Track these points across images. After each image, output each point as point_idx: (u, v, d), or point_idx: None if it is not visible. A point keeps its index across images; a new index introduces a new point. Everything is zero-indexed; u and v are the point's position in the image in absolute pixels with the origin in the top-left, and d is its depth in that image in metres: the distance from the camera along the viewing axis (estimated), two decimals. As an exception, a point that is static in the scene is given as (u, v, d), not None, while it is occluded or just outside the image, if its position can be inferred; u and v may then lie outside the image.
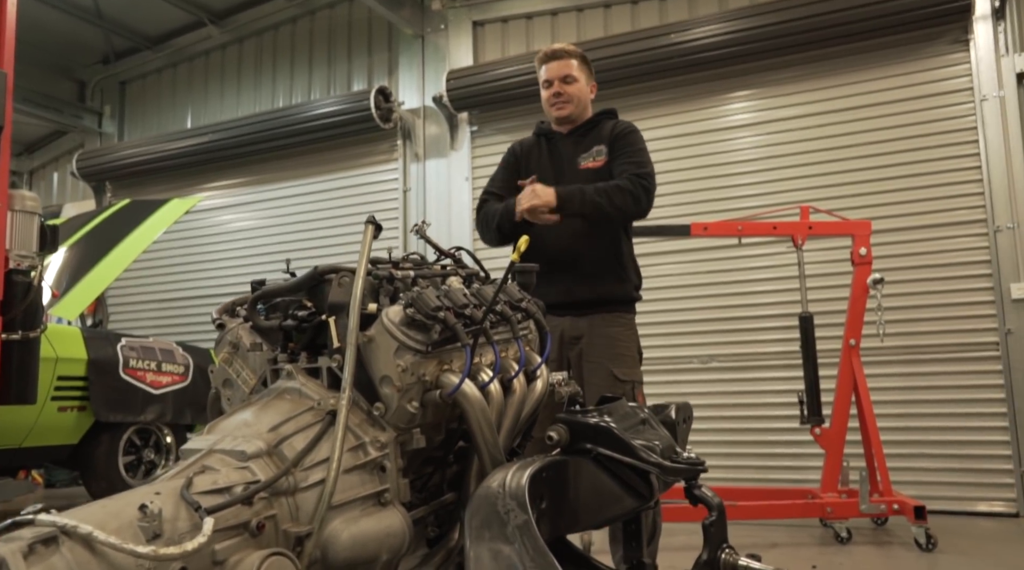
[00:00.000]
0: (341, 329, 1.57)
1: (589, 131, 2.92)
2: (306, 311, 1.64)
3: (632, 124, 2.92)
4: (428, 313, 1.53)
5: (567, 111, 2.89)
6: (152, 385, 5.00)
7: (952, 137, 5.10)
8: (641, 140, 2.86)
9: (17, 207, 3.63)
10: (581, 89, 2.90)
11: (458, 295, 1.66)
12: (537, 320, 1.89)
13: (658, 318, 5.59)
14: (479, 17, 6.70)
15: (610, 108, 3.02)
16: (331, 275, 1.63)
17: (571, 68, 2.88)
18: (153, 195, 7.94)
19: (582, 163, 2.84)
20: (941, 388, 4.96)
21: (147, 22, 7.94)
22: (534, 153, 2.95)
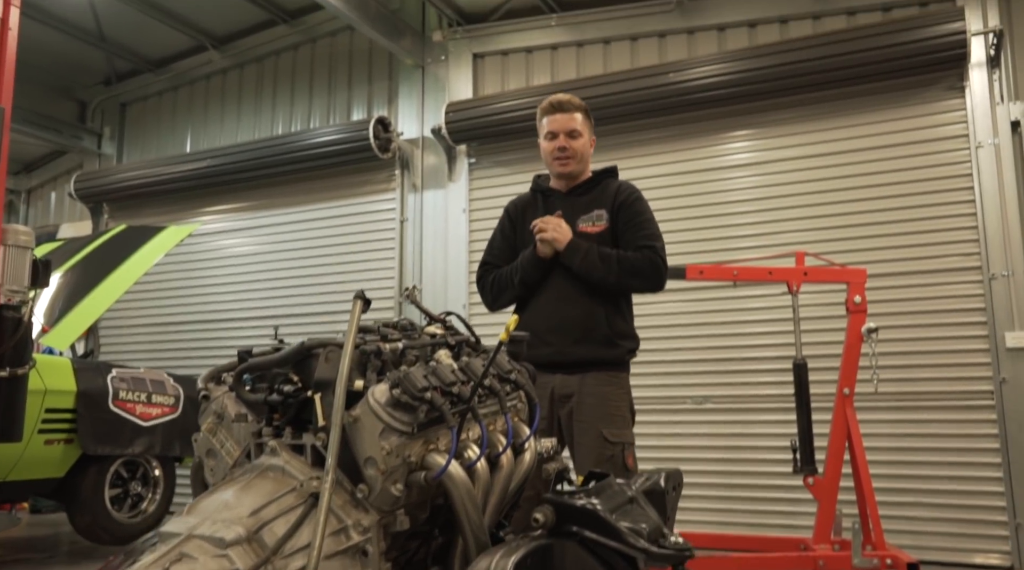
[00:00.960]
0: (326, 406, 1.55)
1: (589, 191, 2.87)
2: (292, 386, 1.62)
3: (636, 189, 2.87)
4: (414, 394, 1.51)
5: (570, 167, 2.85)
6: (141, 417, 4.96)
7: (947, 183, 5.11)
8: (648, 207, 2.82)
9: (11, 242, 3.62)
10: (584, 145, 2.86)
11: (446, 372, 1.64)
12: (526, 391, 1.87)
13: (653, 357, 5.56)
14: (479, 49, 6.74)
15: (611, 166, 2.98)
16: (318, 349, 1.62)
17: (576, 122, 2.83)
18: (151, 218, 7.94)
19: (581, 226, 2.78)
20: (935, 436, 4.93)
21: (149, 45, 7.97)
22: (530, 212, 2.90)
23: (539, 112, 2.91)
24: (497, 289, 2.84)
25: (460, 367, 1.73)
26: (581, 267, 2.63)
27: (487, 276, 2.87)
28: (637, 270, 2.65)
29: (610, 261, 2.63)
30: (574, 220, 2.79)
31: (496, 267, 2.87)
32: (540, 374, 2.65)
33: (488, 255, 2.94)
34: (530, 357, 2.67)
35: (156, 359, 7.53)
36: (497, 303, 2.87)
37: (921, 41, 4.99)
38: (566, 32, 6.41)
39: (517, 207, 2.96)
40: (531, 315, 2.73)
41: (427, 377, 1.57)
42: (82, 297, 5.19)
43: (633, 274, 2.66)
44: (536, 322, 2.69)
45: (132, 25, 7.43)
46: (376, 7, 6.38)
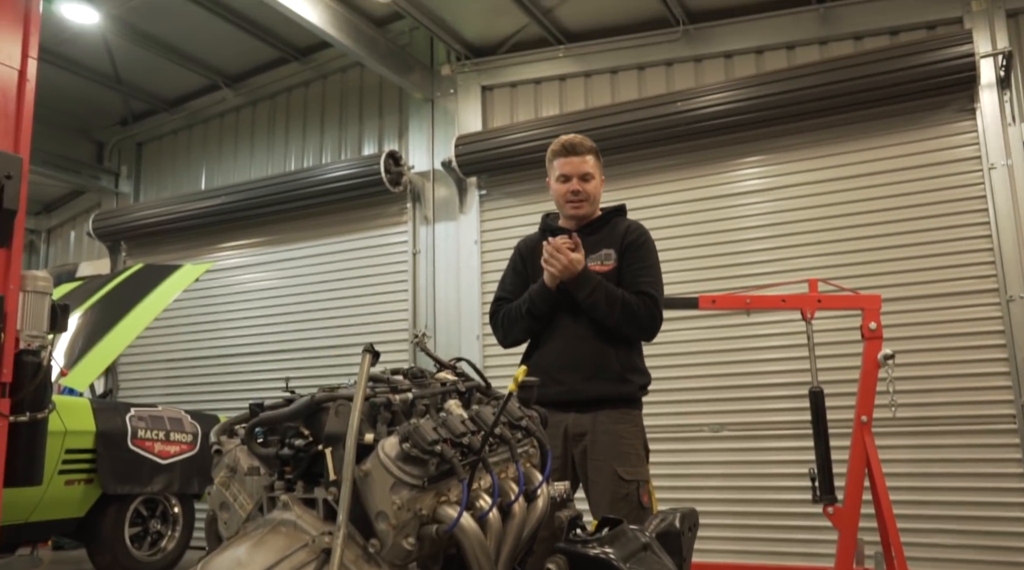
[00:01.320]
0: (337, 461, 1.56)
1: (599, 230, 2.88)
2: (303, 439, 1.63)
3: (644, 230, 2.88)
4: (424, 447, 1.52)
5: (584, 210, 2.87)
6: (160, 455, 4.99)
7: (961, 205, 5.09)
8: (654, 250, 2.84)
9: (29, 288, 3.67)
10: (597, 187, 2.89)
11: (456, 423, 1.65)
12: (538, 438, 1.88)
13: (669, 385, 5.56)
14: (488, 82, 6.80)
15: (620, 205, 2.99)
16: (328, 403, 1.63)
17: (589, 165, 2.85)
18: (168, 255, 8.03)
19: (590, 264, 2.78)
20: (957, 462, 4.87)
21: (164, 85, 8.10)
22: (539, 252, 2.91)
23: (550, 154, 2.92)
24: (508, 323, 2.85)
25: (471, 416, 1.74)
26: (587, 300, 2.65)
27: (499, 312, 2.88)
28: (636, 317, 2.67)
29: (615, 303, 2.65)
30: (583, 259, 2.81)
31: (509, 302, 2.89)
32: (553, 413, 2.67)
33: (501, 291, 2.96)
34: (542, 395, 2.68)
35: (174, 395, 7.59)
36: (509, 338, 2.88)
37: (930, 64, 4.99)
38: (574, 63, 6.47)
39: (528, 245, 2.99)
40: (542, 354, 2.75)
41: (437, 429, 1.58)
42: (100, 337, 5.26)
43: (631, 320, 2.68)
44: (548, 360, 2.71)
45: (147, 66, 7.57)
46: (385, 44, 6.47)
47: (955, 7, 5.24)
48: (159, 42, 7.15)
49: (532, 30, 6.40)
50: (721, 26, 5.95)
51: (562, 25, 6.37)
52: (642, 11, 6.05)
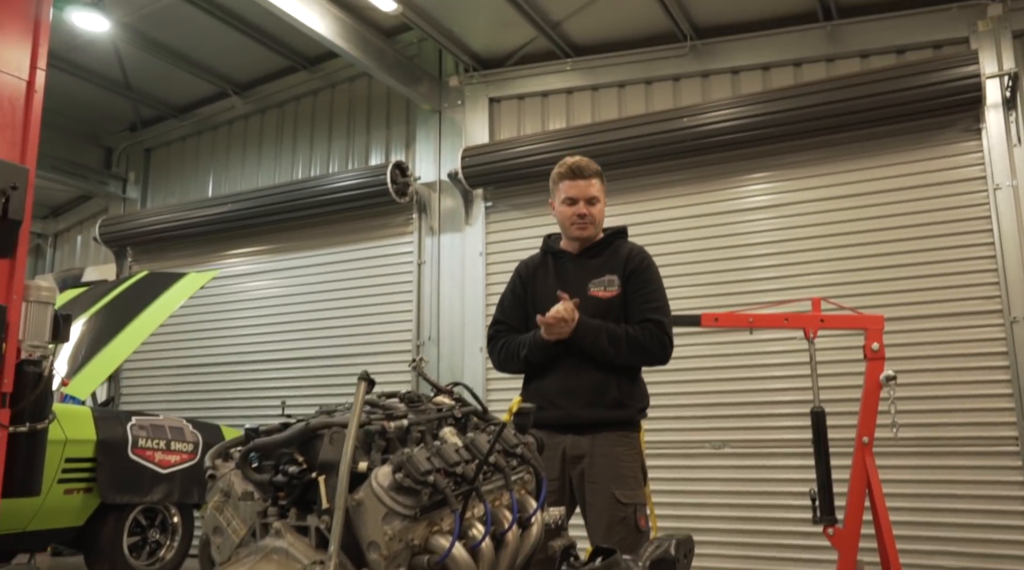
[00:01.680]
0: (330, 489, 1.56)
1: (601, 253, 2.89)
2: (297, 466, 1.63)
3: (647, 254, 2.88)
4: (417, 478, 1.52)
5: (589, 232, 2.87)
6: (160, 464, 5.00)
7: (966, 225, 5.08)
8: (657, 273, 2.85)
9: (32, 298, 3.69)
10: (602, 210, 2.90)
11: (450, 452, 1.64)
12: (533, 466, 1.88)
13: (670, 401, 5.55)
14: (495, 94, 6.82)
15: (621, 227, 2.99)
16: (323, 430, 1.63)
17: (594, 189, 2.86)
18: (173, 261, 8.06)
19: (592, 289, 2.79)
20: (958, 483, 4.85)
21: (173, 92, 8.15)
22: (540, 274, 2.93)
23: (555, 176, 2.92)
24: (504, 358, 2.88)
25: (465, 444, 1.74)
26: (591, 348, 2.68)
27: (498, 338, 2.90)
28: (644, 349, 2.70)
29: (619, 343, 2.67)
30: (586, 282, 2.81)
31: (507, 325, 2.90)
32: (551, 435, 2.67)
33: (500, 313, 2.97)
34: (541, 419, 2.68)
35: (177, 402, 7.60)
36: (504, 369, 2.91)
37: (936, 84, 4.99)
38: (581, 76, 6.48)
39: (528, 268, 2.99)
40: (542, 381, 2.78)
41: (430, 459, 1.58)
42: (103, 345, 5.27)
43: (640, 353, 2.71)
44: (546, 387, 2.74)
45: (157, 73, 7.61)
46: (393, 55, 6.50)
47: (962, 27, 5.23)
48: (169, 50, 7.19)
49: (540, 43, 6.42)
50: (728, 42, 5.96)
51: (570, 38, 6.38)
52: (649, 26, 6.06)
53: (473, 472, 1.64)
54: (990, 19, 5.13)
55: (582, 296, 2.76)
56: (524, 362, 2.80)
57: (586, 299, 2.76)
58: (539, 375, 2.81)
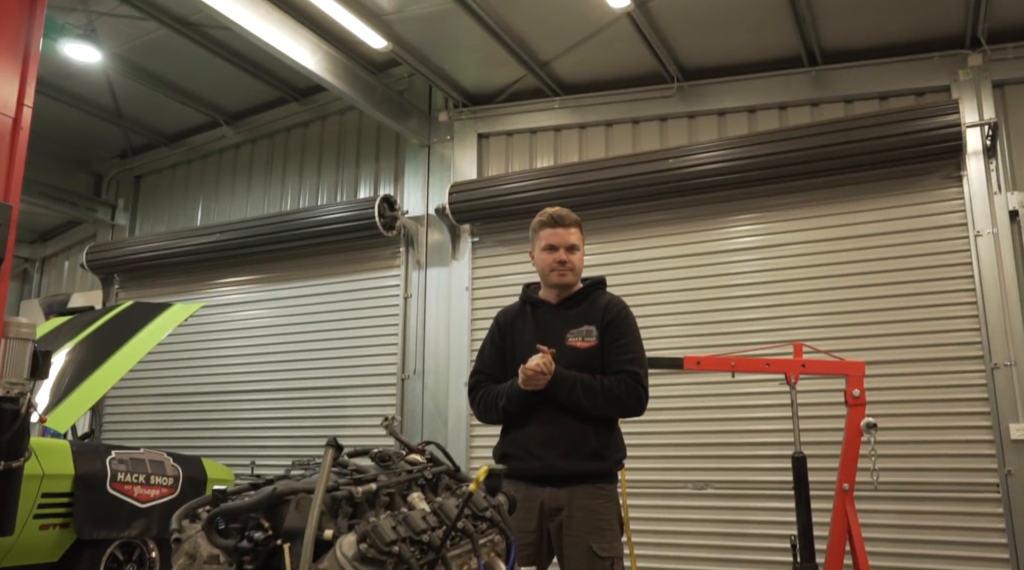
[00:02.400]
0: (295, 557, 1.55)
1: (579, 304, 2.90)
2: (263, 533, 1.63)
3: (624, 306, 2.89)
4: (382, 549, 1.51)
5: (568, 279, 2.89)
6: (139, 499, 4.94)
7: (948, 272, 5.13)
8: (634, 326, 2.85)
9: (12, 334, 3.66)
10: (582, 259, 2.92)
11: (416, 520, 1.64)
12: (501, 528, 1.87)
13: (653, 440, 5.55)
14: (484, 130, 6.87)
15: (600, 278, 3.01)
16: (290, 496, 1.63)
17: (574, 237, 2.89)
18: (160, 289, 8.05)
19: (570, 340, 2.81)
20: (940, 529, 4.85)
21: (164, 121, 8.18)
22: (519, 323, 2.94)
23: (536, 225, 2.95)
24: (483, 407, 2.89)
25: (434, 509, 1.73)
26: (567, 400, 2.70)
27: (478, 388, 2.91)
28: (620, 401, 2.70)
29: (594, 395, 2.68)
30: (564, 333, 2.82)
31: (487, 375, 2.91)
32: (529, 487, 2.68)
33: (479, 363, 2.98)
34: (519, 470, 2.69)
35: (160, 431, 7.56)
36: (484, 419, 2.91)
37: (918, 132, 5.06)
38: (569, 115, 6.54)
39: (507, 317, 3.00)
40: (520, 431, 2.78)
41: (396, 527, 1.58)
42: (85, 377, 5.23)
43: (615, 405, 2.72)
44: (525, 438, 2.75)
45: (148, 102, 7.65)
46: (383, 90, 6.55)
47: (943, 76, 5.32)
48: (161, 79, 7.23)
49: (529, 81, 6.49)
50: (715, 84, 6.04)
51: (558, 77, 6.45)
52: (637, 66, 6.14)
53: (440, 540, 1.63)
54: (970, 69, 5.22)
55: (560, 346, 2.77)
56: (502, 412, 2.81)
57: (564, 349, 2.77)
58: (517, 425, 2.81)
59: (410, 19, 5.79)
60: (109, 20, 6.17)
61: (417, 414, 6.55)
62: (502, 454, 2.83)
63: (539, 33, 5.90)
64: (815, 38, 5.51)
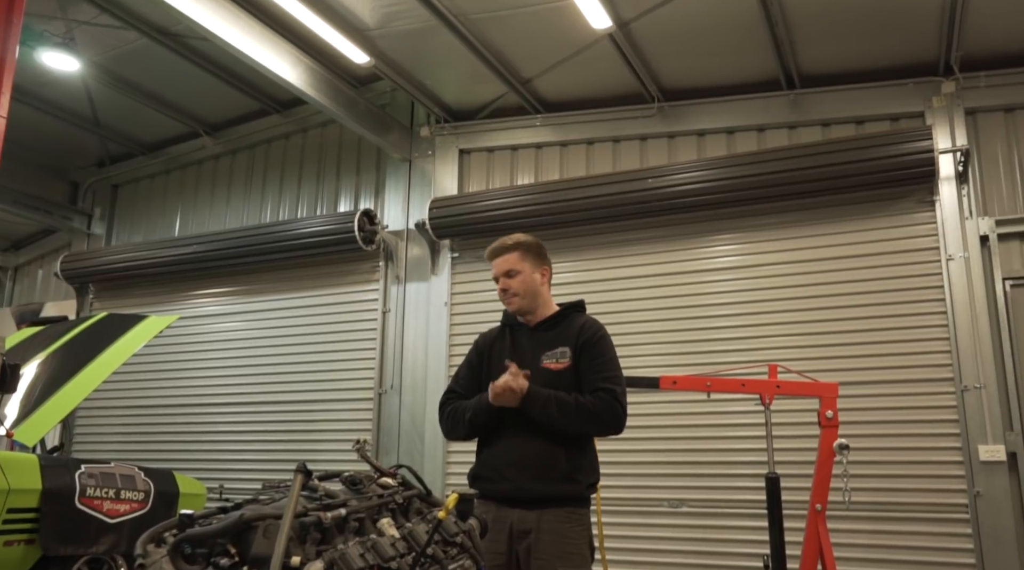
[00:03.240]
0: (262, 584, 1.54)
1: (555, 326, 2.91)
2: (229, 559, 1.62)
3: (600, 327, 2.89)
4: (349, 577, 1.51)
5: (516, 304, 2.92)
6: (108, 514, 4.87)
7: (920, 294, 5.19)
8: (610, 346, 2.84)
9: (-19, 348, 3.63)
10: (525, 280, 2.91)
11: (384, 547, 1.64)
12: (472, 554, 1.87)
13: (628, 458, 5.56)
14: (465, 145, 6.89)
15: (578, 301, 3.02)
16: (258, 522, 1.62)
17: (511, 262, 2.92)
18: (137, 300, 7.97)
19: (544, 362, 2.81)
20: (910, 549, 4.89)
21: (143, 130, 8.13)
22: (497, 346, 2.96)
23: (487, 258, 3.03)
24: (451, 422, 2.89)
25: (403, 535, 1.73)
26: (540, 416, 2.69)
27: (447, 405, 2.91)
28: (596, 417, 2.68)
29: (569, 411, 2.67)
30: (538, 355, 2.83)
31: (459, 395, 2.92)
32: (499, 508, 2.68)
33: (454, 383, 2.99)
34: (491, 491, 2.69)
35: (132, 445, 7.47)
36: (451, 435, 2.91)
37: (892, 157, 5.13)
38: (551, 132, 6.58)
39: (486, 340, 3.03)
40: (491, 451, 2.78)
41: (364, 555, 1.58)
42: (56, 390, 5.17)
43: (591, 421, 2.69)
44: (496, 458, 2.74)
45: (127, 111, 7.60)
46: (364, 104, 6.55)
47: (917, 102, 5.41)
48: (140, 89, 7.19)
49: (511, 98, 6.52)
50: (694, 105, 6.10)
51: (540, 95, 6.49)
52: (618, 86, 6.18)
53: (409, 566, 1.63)
54: (944, 96, 5.31)
55: (535, 368, 2.78)
56: (469, 425, 2.81)
57: (538, 371, 2.78)
58: (489, 445, 2.82)
59: (393, 35, 5.80)
60: (88, 29, 6.13)
61: (394, 430, 6.52)
62: (474, 475, 2.83)
63: (521, 51, 5.93)
64: (793, 62, 5.59)
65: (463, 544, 1.84)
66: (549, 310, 2.94)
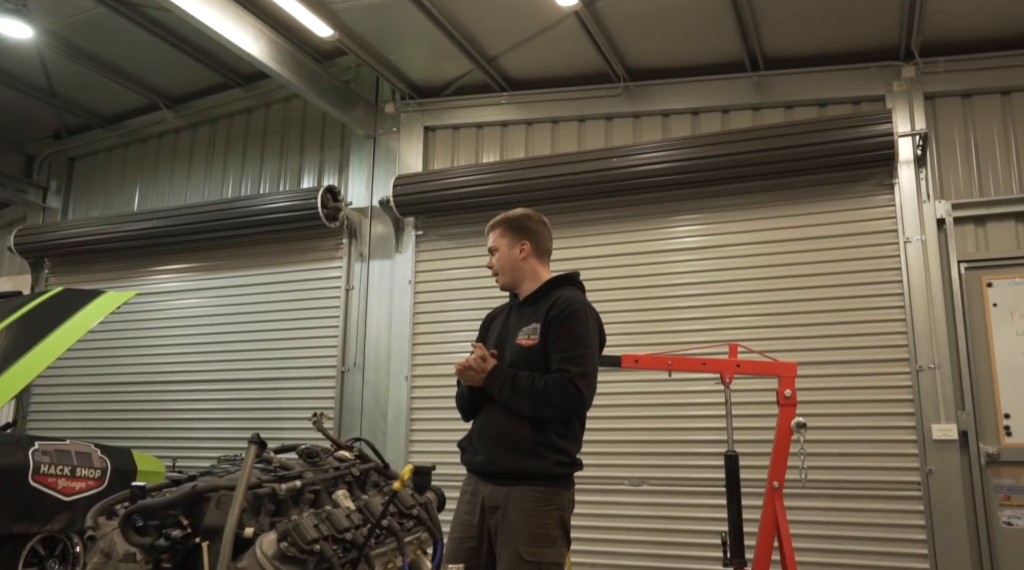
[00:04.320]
0: (214, 555, 1.53)
1: (536, 301, 2.90)
2: (181, 530, 1.60)
3: (571, 303, 2.81)
4: (303, 547, 1.50)
5: (500, 281, 2.97)
6: (64, 492, 4.81)
7: (878, 276, 5.27)
8: (580, 323, 2.76)
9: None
10: (503, 257, 2.94)
11: (339, 518, 1.63)
12: (428, 527, 1.87)
13: (592, 437, 5.52)
14: (431, 123, 6.83)
15: (567, 274, 2.99)
16: (211, 493, 1.60)
17: (492, 240, 2.98)
18: (93, 275, 7.81)
19: (519, 338, 2.81)
20: (864, 526, 5.00)
21: (101, 102, 7.93)
22: (497, 321, 3.02)
23: None
24: (458, 408, 2.99)
25: (359, 507, 1.73)
26: (499, 397, 2.72)
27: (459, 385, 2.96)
28: (548, 399, 2.64)
29: (522, 393, 2.66)
30: (518, 330, 2.85)
31: None
32: (476, 482, 2.71)
33: None
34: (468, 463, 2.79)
35: (89, 422, 7.34)
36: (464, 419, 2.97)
37: (852, 140, 5.19)
38: (516, 110, 6.55)
39: (490, 316, 3.10)
40: (474, 424, 2.87)
41: (318, 526, 1.57)
42: (8, 365, 5.05)
43: (544, 403, 2.66)
44: (475, 430, 2.83)
45: (84, 82, 7.40)
46: (328, 79, 6.46)
47: (878, 86, 5.48)
48: (98, 59, 7.00)
49: (476, 75, 6.46)
50: (660, 86, 6.11)
51: (505, 73, 6.44)
52: (584, 65, 6.17)
53: (363, 538, 1.63)
54: (904, 80, 5.38)
55: (512, 345, 2.80)
56: (460, 409, 2.93)
57: (513, 347, 2.80)
58: (474, 418, 2.90)
59: (357, 8, 5.71)
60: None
61: (356, 408, 6.49)
62: (460, 446, 2.92)
63: (487, 28, 5.88)
64: (758, 44, 5.62)
65: (419, 516, 1.85)
66: (536, 285, 2.93)
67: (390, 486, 1.91)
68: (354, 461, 1.97)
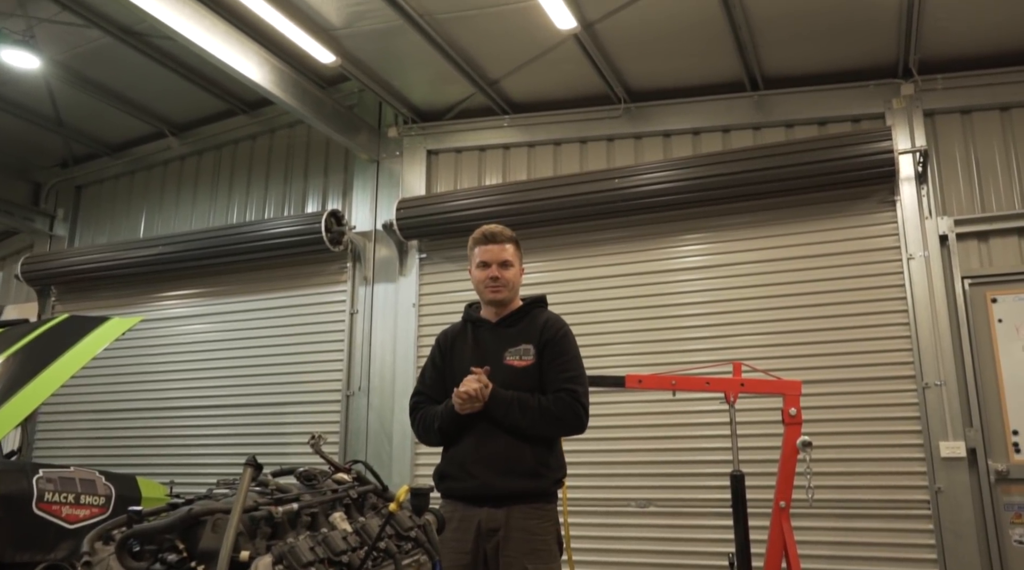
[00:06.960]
0: (210, 579, 1.52)
1: (518, 322, 2.91)
2: (177, 555, 1.60)
3: (563, 324, 2.89)
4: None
5: (502, 295, 2.91)
6: (68, 519, 4.78)
7: (881, 293, 5.26)
8: (573, 344, 2.85)
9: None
10: (516, 275, 2.94)
11: (336, 541, 1.63)
12: (426, 549, 1.86)
13: (596, 458, 5.57)
14: (433, 146, 6.87)
15: (540, 296, 3.02)
16: (207, 517, 1.60)
17: (507, 253, 2.91)
18: (100, 302, 7.84)
19: (508, 359, 2.81)
20: (873, 546, 4.95)
21: (108, 130, 8.01)
22: (459, 343, 2.95)
23: (471, 242, 2.99)
24: (423, 429, 2.90)
25: (356, 529, 1.72)
26: (503, 420, 2.70)
27: (417, 409, 2.92)
28: (557, 419, 2.69)
29: (531, 413, 2.68)
30: (502, 352, 2.83)
31: (427, 396, 2.92)
32: (466, 507, 2.68)
33: (420, 384, 2.98)
34: (458, 489, 2.70)
35: (94, 449, 7.35)
36: (424, 442, 2.94)
37: (853, 158, 5.20)
38: (518, 133, 6.59)
39: (448, 338, 3.01)
40: (457, 449, 2.79)
41: (314, 549, 1.56)
42: (14, 393, 5.06)
43: (553, 423, 2.70)
44: (462, 456, 2.75)
45: (90, 111, 7.48)
46: (331, 104, 6.51)
47: (878, 103, 5.50)
48: (104, 88, 7.08)
49: (478, 99, 6.51)
50: (660, 106, 6.14)
51: (507, 96, 6.49)
52: (585, 87, 6.21)
53: (360, 560, 1.62)
54: (903, 97, 5.40)
55: (498, 365, 2.78)
56: (439, 433, 2.82)
57: (501, 368, 2.78)
58: (455, 443, 2.81)
59: (359, 35, 5.78)
60: (49, 26, 6.03)
61: (362, 431, 6.48)
62: (440, 474, 2.82)
63: (488, 52, 5.94)
64: (757, 65, 5.65)
65: (417, 538, 1.84)
66: (515, 305, 2.94)
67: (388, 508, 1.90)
68: (352, 483, 1.97)
